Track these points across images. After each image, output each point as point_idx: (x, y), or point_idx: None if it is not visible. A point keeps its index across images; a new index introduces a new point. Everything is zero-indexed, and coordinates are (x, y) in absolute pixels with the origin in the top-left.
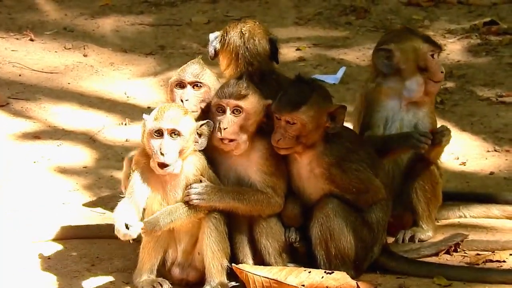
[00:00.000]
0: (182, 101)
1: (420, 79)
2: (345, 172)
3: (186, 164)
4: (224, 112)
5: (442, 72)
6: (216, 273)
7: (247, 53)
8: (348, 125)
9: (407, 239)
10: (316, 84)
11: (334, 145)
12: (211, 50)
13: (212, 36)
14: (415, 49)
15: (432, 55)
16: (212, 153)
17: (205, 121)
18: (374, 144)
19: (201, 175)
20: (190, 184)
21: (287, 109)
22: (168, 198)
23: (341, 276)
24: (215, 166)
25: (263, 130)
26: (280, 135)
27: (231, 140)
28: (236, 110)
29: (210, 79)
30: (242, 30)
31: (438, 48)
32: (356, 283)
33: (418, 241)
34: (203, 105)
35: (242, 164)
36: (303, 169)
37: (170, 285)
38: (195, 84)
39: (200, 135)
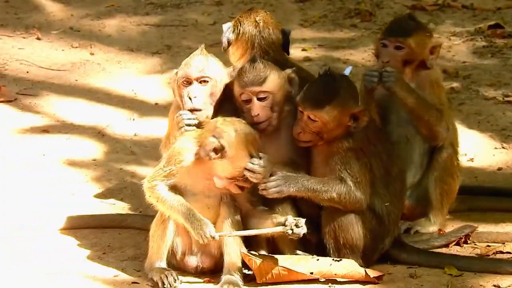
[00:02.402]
0: (190, 98)
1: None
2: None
3: None
4: (250, 100)
5: (383, 61)
6: (236, 260)
7: (263, 42)
8: None
9: (402, 229)
10: (345, 82)
11: (355, 136)
12: (224, 40)
13: (225, 26)
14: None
15: (384, 45)
16: None
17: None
18: None
19: None
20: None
21: (311, 106)
22: None
23: (349, 264)
24: None
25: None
26: (300, 128)
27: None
28: (263, 97)
29: (215, 70)
30: (256, 19)
31: (389, 39)
32: (365, 270)
33: (414, 233)
34: (213, 99)
35: (273, 143)
36: (319, 156)
37: (176, 278)
38: (202, 80)
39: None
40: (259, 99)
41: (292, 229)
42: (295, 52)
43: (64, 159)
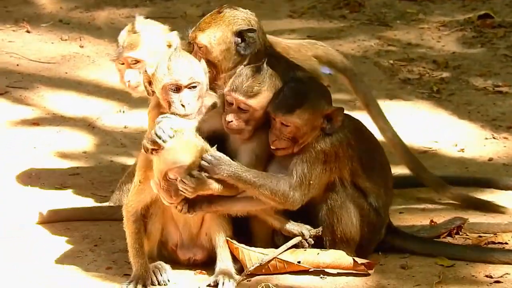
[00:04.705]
0: (183, 106)
1: None
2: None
3: None
4: (232, 104)
5: None
6: (228, 252)
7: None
8: None
9: None
10: (314, 84)
11: (333, 138)
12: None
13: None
14: None
15: None
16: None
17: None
18: None
19: None
20: None
21: (282, 112)
22: None
23: (337, 253)
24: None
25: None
26: (275, 136)
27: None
28: (244, 109)
29: (201, 73)
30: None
31: None
32: (353, 258)
33: None
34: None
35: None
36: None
37: (166, 270)
38: (191, 86)
39: None
40: (239, 109)
41: (307, 240)
42: None
43: (55, 152)
